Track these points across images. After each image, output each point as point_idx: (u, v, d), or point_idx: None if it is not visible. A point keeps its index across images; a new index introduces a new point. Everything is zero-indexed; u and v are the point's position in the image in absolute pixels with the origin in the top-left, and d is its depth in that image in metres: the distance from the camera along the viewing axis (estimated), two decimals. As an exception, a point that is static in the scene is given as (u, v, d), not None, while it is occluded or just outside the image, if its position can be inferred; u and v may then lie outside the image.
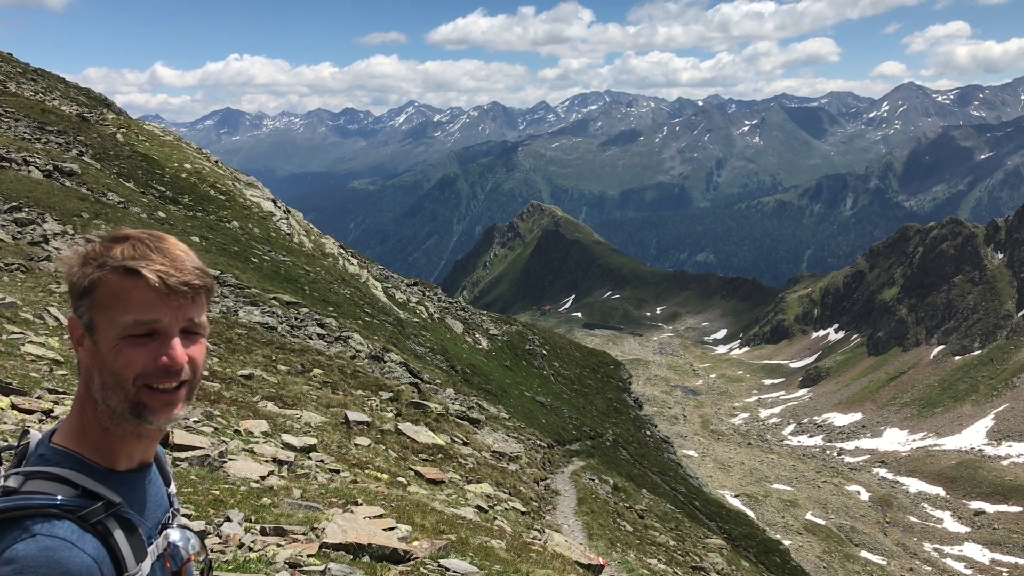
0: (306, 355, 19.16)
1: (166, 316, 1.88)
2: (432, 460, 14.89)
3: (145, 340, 1.88)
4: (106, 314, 1.87)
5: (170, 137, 47.76)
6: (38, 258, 17.63)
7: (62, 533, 1.72)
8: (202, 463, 8.68)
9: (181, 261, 1.92)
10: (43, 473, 1.85)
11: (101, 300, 1.87)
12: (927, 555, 73.69)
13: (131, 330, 1.86)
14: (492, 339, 55.82)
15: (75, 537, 1.73)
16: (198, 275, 1.94)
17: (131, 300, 1.86)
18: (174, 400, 1.92)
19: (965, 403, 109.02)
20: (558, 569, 8.71)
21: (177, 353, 1.89)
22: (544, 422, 38.09)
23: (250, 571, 5.58)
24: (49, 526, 1.72)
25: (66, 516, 1.76)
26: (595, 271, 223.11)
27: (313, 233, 47.41)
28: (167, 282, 1.87)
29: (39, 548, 1.68)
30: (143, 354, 1.87)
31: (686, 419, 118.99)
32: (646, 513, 24.62)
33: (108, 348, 1.87)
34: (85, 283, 1.88)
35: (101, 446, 1.94)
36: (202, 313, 1.97)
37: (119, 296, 1.86)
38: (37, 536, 1.70)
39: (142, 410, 1.89)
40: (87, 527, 1.78)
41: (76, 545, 1.72)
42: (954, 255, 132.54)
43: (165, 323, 1.89)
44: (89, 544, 1.75)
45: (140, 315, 1.86)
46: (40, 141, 32.01)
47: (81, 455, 1.92)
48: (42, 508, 1.75)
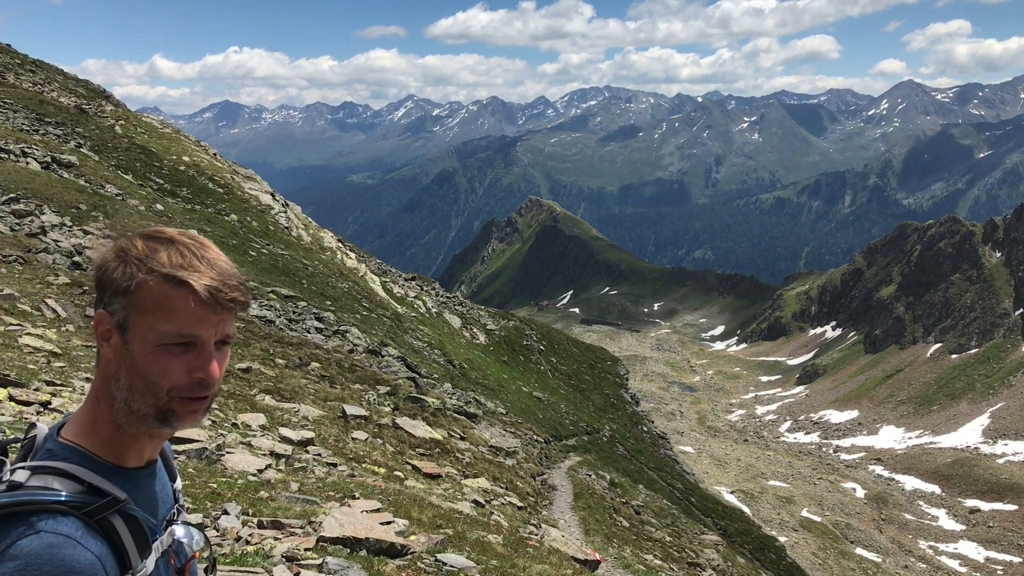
0: (304, 349, 19.16)
1: (208, 331, 1.87)
2: (429, 454, 14.90)
3: (182, 350, 1.86)
4: (145, 319, 1.84)
5: (168, 129, 47.68)
6: (36, 250, 17.61)
7: (66, 530, 1.70)
8: (200, 456, 8.69)
9: (228, 275, 1.90)
10: (50, 468, 1.83)
11: (142, 303, 1.84)
12: (922, 552, 73.88)
13: (171, 340, 1.84)
14: (490, 334, 55.83)
15: (79, 534, 1.72)
16: (243, 291, 1.93)
17: (175, 310, 1.83)
18: (200, 408, 1.92)
19: (961, 401, 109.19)
20: (555, 564, 8.72)
21: (214, 370, 1.88)
22: (541, 417, 38.11)
23: (248, 564, 5.58)
24: (54, 523, 1.70)
25: (71, 513, 1.74)
26: (593, 267, 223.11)
27: (311, 227, 47.37)
28: (216, 298, 1.86)
29: (43, 545, 1.66)
30: (180, 365, 1.85)
31: (683, 415, 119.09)
32: (642, 509, 24.66)
33: (143, 352, 1.85)
34: (125, 283, 1.85)
35: (112, 443, 1.93)
36: (233, 327, 1.96)
37: (163, 304, 1.83)
38: (41, 533, 1.68)
39: (169, 416, 1.88)
40: (92, 524, 1.77)
41: (80, 543, 1.70)
42: (952, 253, 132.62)
43: (205, 337, 1.87)
44: (93, 542, 1.74)
45: (183, 327, 1.84)
46: (38, 132, 31.94)
47: (90, 451, 1.90)
48: (47, 504, 1.73)
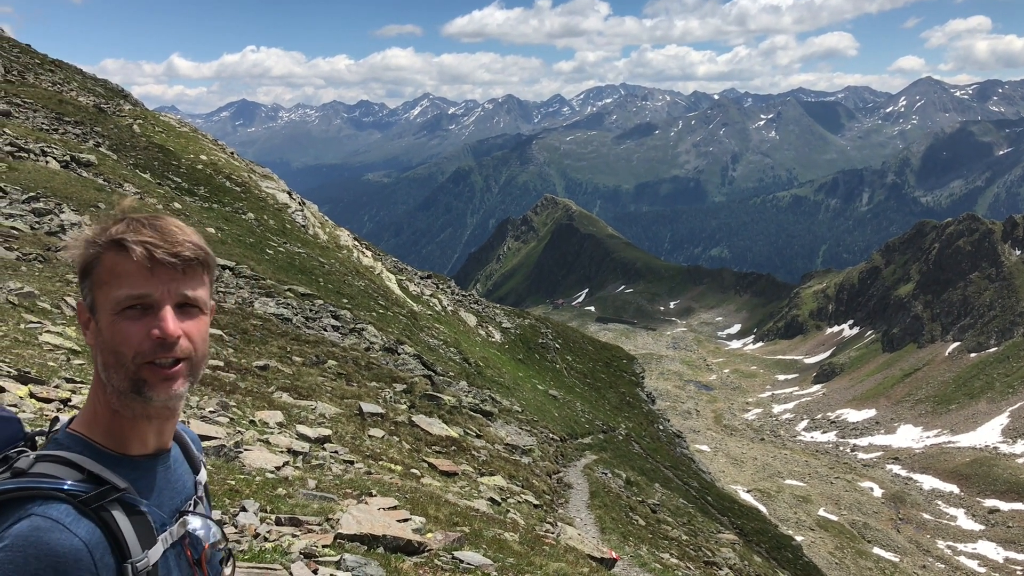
0: (320, 346, 19.22)
1: (156, 290, 1.88)
2: (445, 452, 14.92)
3: (138, 314, 1.88)
4: (103, 291, 1.89)
5: (186, 128, 47.94)
6: (55, 248, 17.74)
7: (55, 515, 1.72)
8: (218, 453, 8.73)
9: (172, 235, 1.92)
10: (52, 456, 1.86)
11: (98, 278, 1.89)
12: (940, 552, 73.36)
13: (124, 304, 1.87)
14: (505, 332, 55.85)
15: (69, 520, 1.73)
16: (190, 248, 1.94)
17: (123, 275, 1.87)
18: (173, 376, 1.91)
19: (980, 400, 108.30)
20: (571, 562, 8.72)
21: (168, 325, 1.88)
22: (557, 415, 38.10)
23: (266, 561, 5.60)
24: (45, 507, 1.72)
25: (65, 499, 1.76)
26: (609, 265, 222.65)
27: (328, 225, 47.51)
28: (153, 254, 1.88)
29: (30, 528, 1.68)
30: (138, 329, 1.87)
31: (699, 414, 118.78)
32: (658, 507, 24.62)
33: (107, 325, 1.88)
34: (84, 263, 1.91)
35: (112, 430, 1.95)
36: (198, 288, 1.96)
37: (113, 272, 1.88)
38: (32, 516, 1.70)
39: (141, 386, 1.88)
40: (86, 511, 1.78)
41: (68, 527, 1.71)
42: (971, 251, 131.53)
43: (156, 297, 1.88)
44: (83, 528, 1.74)
45: (130, 289, 1.86)
46: (57, 132, 32.18)
47: (92, 440, 1.93)
48: (43, 490, 1.76)
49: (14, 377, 8.43)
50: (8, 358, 9.36)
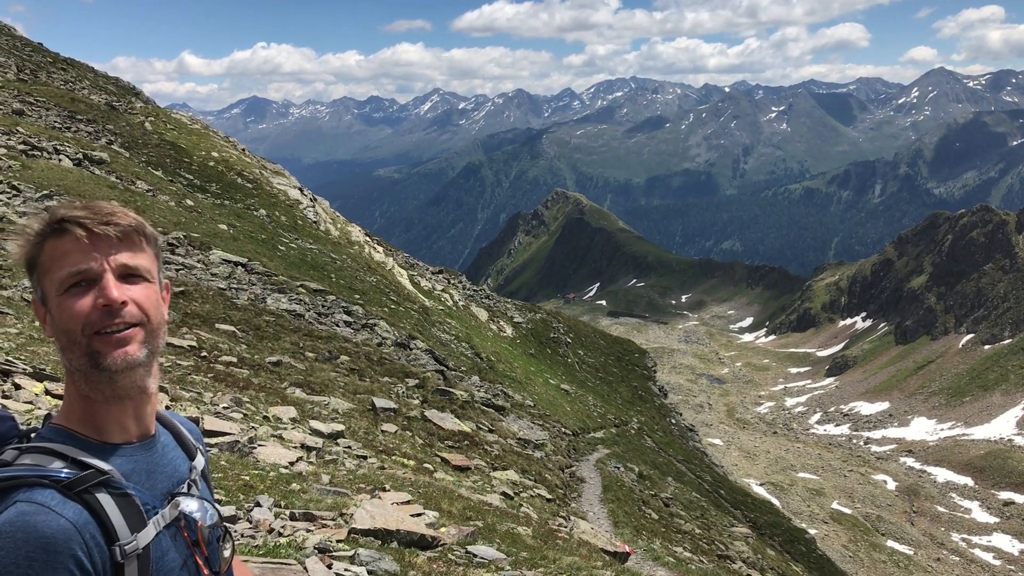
0: (333, 342, 19.28)
1: (96, 262, 1.92)
2: (458, 447, 14.95)
3: (84, 290, 1.91)
4: (48, 278, 1.93)
5: (197, 125, 48.09)
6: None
7: (40, 499, 1.75)
8: (232, 448, 8.77)
9: (103, 208, 1.96)
10: (35, 448, 1.89)
11: (43, 267, 1.93)
12: (955, 545, 73.07)
13: (67, 283, 1.91)
14: (517, 327, 55.87)
15: (54, 503, 1.76)
16: (123, 217, 1.98)
17: (62, 256, 1.91)
18: (125, 340, 1.93)
19: (995, 392, 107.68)
20: (584, 556, 8.73)
21: (110, 291, 1.91)
22: (569, 410, 38.10)
23: (281, 556, 5.63)
24: (29, 494, 1.76)
25: (50, 485, 1.79)
26: (620, 259, 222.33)
27: (339, 221, 47.61)
28: (86, 226, 1.92)
29: (16, 514, 1.71)
30: (83, 302, 1.90)
31: (711, 407, 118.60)
32: (671, 501, 24.61)
33: (56, 309, 1.92)
34: (28, 258, 1.95)
35: (86, 418, 1.97)
36: (139, 256, 1.99)
37: (53, 256, 1.92)
38: (17, 503, 1.74)
39: (97, 358, 1.90)
40: (71, 495, 1.80)
41: (53, 510, 1.74)
42: (984, 243, 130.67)
43: (96, 268, 1.92)
44: (70, 510, 1.77)
45: (71, 267, 1.90)
46: (70, 130, 32.33)
47: (72, 430, 1.96)
48: (28, 479, 1.79)
49: (30, 374, 8.49)
50: (24, 355, 9.43)
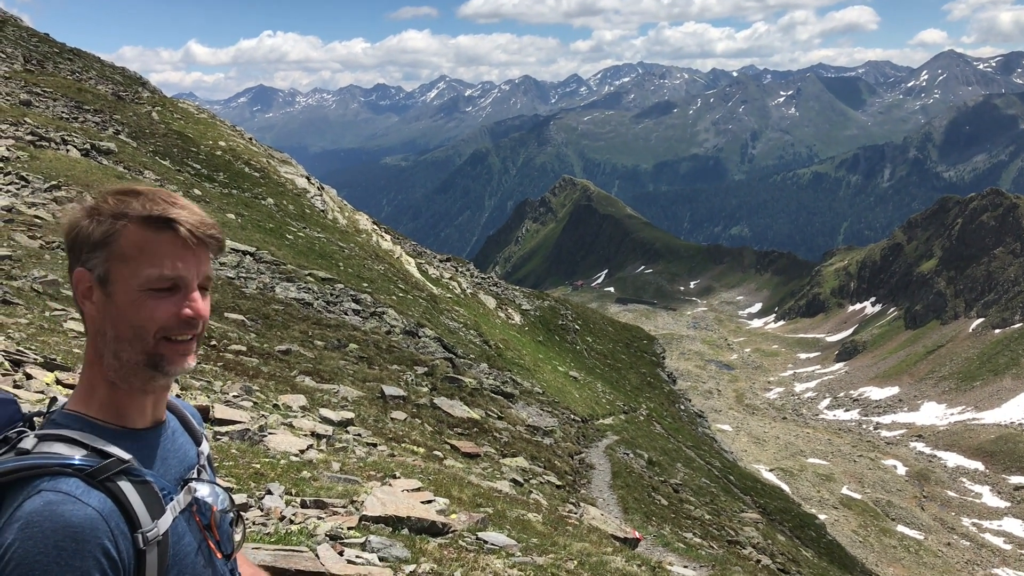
0: (342, 330, 19.31)
1: (190, 271, 1.92)
2: (467, 434, 14.98)
3: (167, 294, 1.90)
4: (128, 266, 1.88)
5: (204, 115, 48.10)
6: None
7: (66, 488, 1.75)
8: (242, 437, 8.80)
9: (202, 215, 1.95)
10: (53, 435, 1.88)
11: (121, 252, 1.88)
12: (965, 530, 73.03)
13: (155, 283, 1.88)
14: (525, 314, 55.88)
15: (79, 492, 1.76)
16: (218, 229, 1.99)
17: (157, 252, 1.88)
18: (189, 351, 1.96)
19: (1005, 377, 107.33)
20: (594, 542, 8.73)
21: (200, 306, 1.93)
22: (578, 397, 38.14)
23: (292, 543, 5.65)
24: (54, 483, 1.75)
25: (73, 474, 1.79)
26: (628, 245, 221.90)
27: (347, 210, 47.63)
28: (196, 234, 1.91)
29: (43, 503, 1.71)
30: (166, 307, 1.89)
31: (720, 393, 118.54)
32: (681, 487, 24.63)
33: (127, 300, 1.88)
34: (99, 234, 1.89)
35: (109, 404, 1.97)
36: (211, 269, 2.02)
37: (143, 248, 1.87)
38: (42, 492, 1.73)
39: (159, 361, 1.91)
40: (94, 483, 1.80)
41: (79, 499, 1.74)
42: (995, 226, 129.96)
43: (188, 278, 1.92)
44: (94, 498, 1.77)
45: (167, 269, 1.88)
46: (77, 120, 32.38)
47: (89, 416, 1.94)
48: (50, 467, 1.78)
49: (41, 364, 8.52)
50: (34, 345, 9.47)
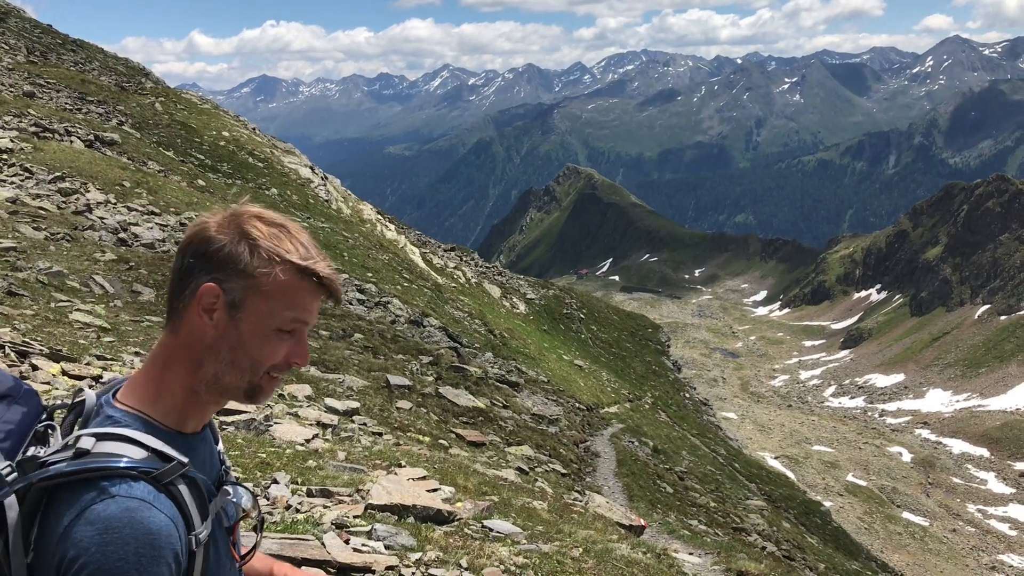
0: (347, 320, 19.35)
1: (311, 321, 2.00)
2: (472, 423, 15.02)
3: (288, 335, 1.97)
4: (267, 304, 1.92)
5: (208, 105, 48.07)
6: (82, 227, 17.92)
7: (140, 494, 1.74)
8: (248, 427, 8.84)
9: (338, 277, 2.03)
10: (114, 435, 1.85)
11: (268, 290, 1.91)
12: (970, 516, 73.05)
13: (286, 325, 1.95)
14: (529, 303, 55.89)
15: (152, 498, 1.76)
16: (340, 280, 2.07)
17: (296, 299, 1.93)
18: (279, 384, 2.06)
19: (1011, 363, 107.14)
20: (600, 530, 8.75)
21: (307, 354, 2.02)
22: (583, 385, 38.19)
23: (298, 532, 5.67)
24: (127, 487, 1.74)
25: (142, 477, 1.78)
26: (632, 234, 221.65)
27: (351, 199, 47.62)
28: (334, 296, 2.00)
29: (120, 509, 1.70)
30: (285, 347, 1.96)
31: (725, 381, 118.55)
32: (686, 475, 24.67)
33: (256, 334, 1.93)
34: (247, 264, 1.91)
35: (178, 410, 1.97)
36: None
37: (287, 292, 1.92)
38: (117, 497, 1.72)
39: (256, 392, 1.98)
40: (161, 488, 1.80)
41: (154, 505, 1.75)
42: (1000, 213, 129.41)
43: (310, 326, 2.01)
44: (165, 505, 1.78)
45: (301, 314, 1.95)
46: (81, 111, 32.39)
47: (151, 417, 1.93)
48: (117, 470, 1.77)
49: (46, 355, 8.56)
50: (40, 336, 9.50)
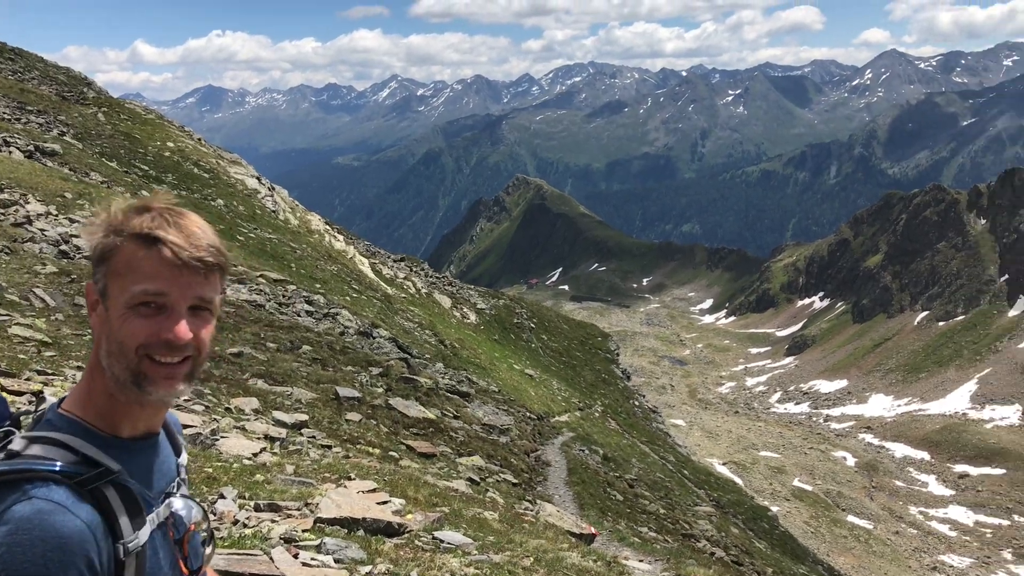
0: (295, 332, 19.15)
1: (174, 291, 1.90)
2: (423, 434, 14.97)
3: (152, 312, 1.90)
4: (118, 282, 1.90)
5: (152, 115, 47.27)
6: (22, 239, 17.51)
7: (57, 498, 1.75)
8: (194, 441, 8.71)
9: (197, 237, 1.94)
10: (46, 438, 1.87)
11: (116, 268, 1.90)
12: (912, 518, 74.68)
13: (138, 299, 1.89)
14: (480, 313, 55.88)
15: (70, 502, 1.76)
16: (212, 253, 1.96)
17: (142, 270, 1.89)
18: (175, 374, 1.94)
19: (949, 368, 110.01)
20: (551, 539, 8.79)
21: (180, 329, 1.91)
22: (533, 394, 38.26)
23: (246, 547, 5.61)
24: (46, 490, 1.75)
25: (63, 481, 1.79)
26: (581, 244, 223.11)
27: (298, 210, 47.18)
28: (179, 255, 1.90)
29: (33, 511, 1.71)
30: (148, 325, 1.89)
31: (674, 389, 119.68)
32: (636, 482, 24.84)
33: (116, 316, 1.90)
34: (101, 249, 1.92)
35: (105, 413, 1.97)
36: (214, 292, 1.99)
37: (131, 265, 1.89)
38: (33, 499, 1.73)
39: (142, 380, 1.91)
40: (83, 493, 1.81)
41: (70, 510, 1.75)
42: (937, 221, 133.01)
43: (172, 297, 1.91)
44: (83, 510, 1.78)
45: (148, 285, 1.88)
46: (20, 121, 31.64)
47: (86, 421, 1.95)
48: (40, 472, 1.78)
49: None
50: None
